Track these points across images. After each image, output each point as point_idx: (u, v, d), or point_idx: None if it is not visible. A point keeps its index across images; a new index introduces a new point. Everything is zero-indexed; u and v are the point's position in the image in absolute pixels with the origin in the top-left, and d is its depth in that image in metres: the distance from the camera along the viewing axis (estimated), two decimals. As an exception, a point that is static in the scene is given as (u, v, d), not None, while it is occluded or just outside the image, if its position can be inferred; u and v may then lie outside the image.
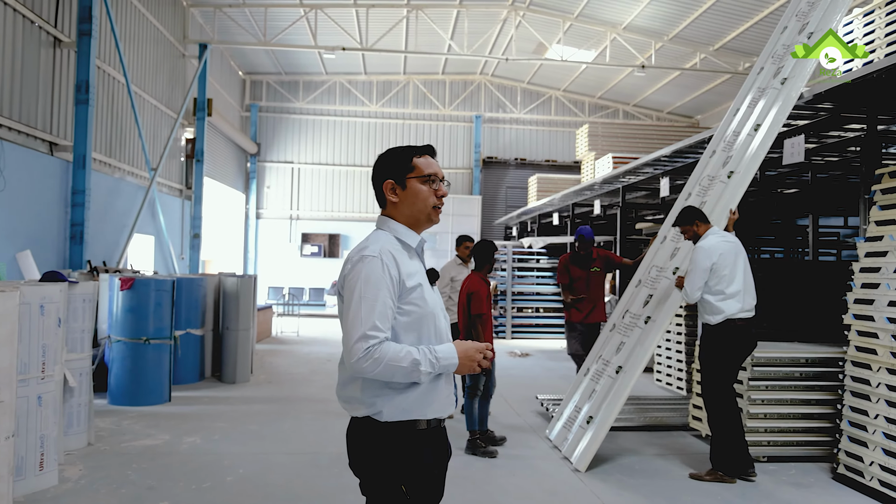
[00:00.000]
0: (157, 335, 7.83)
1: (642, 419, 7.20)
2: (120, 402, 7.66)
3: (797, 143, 6.24)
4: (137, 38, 13.69)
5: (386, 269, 2.23)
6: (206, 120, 16.52)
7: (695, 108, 22.51)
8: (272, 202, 23.41)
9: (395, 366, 2.15)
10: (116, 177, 12.75)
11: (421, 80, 23.53)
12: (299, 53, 20.93)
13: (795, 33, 6.66)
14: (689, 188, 6.79)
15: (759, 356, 5.99)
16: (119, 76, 12.67)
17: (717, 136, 6.92)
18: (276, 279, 22.94)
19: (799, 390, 6.06)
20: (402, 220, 2.42)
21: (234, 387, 9.02)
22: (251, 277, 9.85)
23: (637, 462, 5.90)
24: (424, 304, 2.31)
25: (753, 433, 5.93)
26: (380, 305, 2.20)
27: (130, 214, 13.26)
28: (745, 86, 6.93)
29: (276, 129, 23.40)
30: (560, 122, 24.01)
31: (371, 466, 2.31)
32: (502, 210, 22.98)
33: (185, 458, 5.74)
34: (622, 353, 6.07)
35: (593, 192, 13.11)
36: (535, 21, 18.12)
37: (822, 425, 6.01)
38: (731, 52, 17.45)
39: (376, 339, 2.16)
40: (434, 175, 2.41)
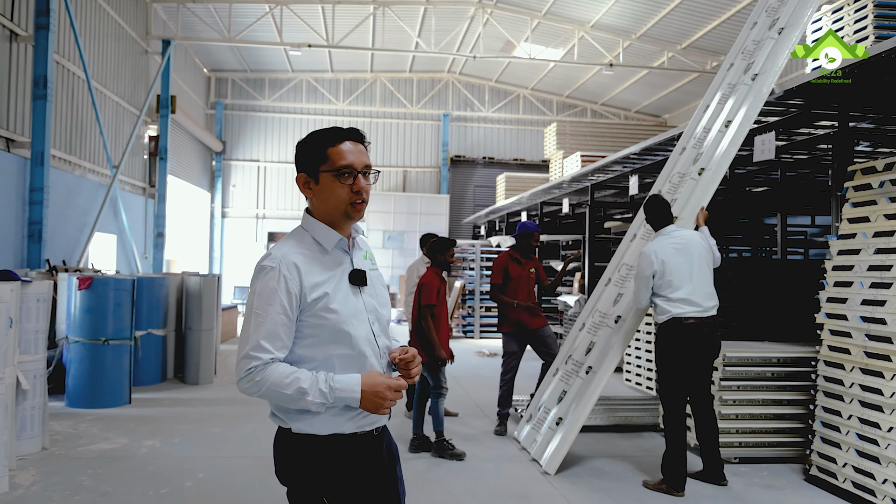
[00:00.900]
0: (117, 336, 7.61)
1: (612, 419, 7.13)
2: (78, 405, 7.43)
3: (768, 139, 6.21)
4: (98, 34, 13.35)
5: (282, 282, 2.04)
6: (169, 117, 16.18)
7: (662, 108, 22.64)
8: (238, 201, 23.06)
9: (278, 392, 1.99)
10: (77, 174, 12.40)
11: (388, 78, 23.35)
12: (265, 50, 20.62)
13: (766, 28, 6.63)
14: (658, 185, 6.73)
15: (730, 356, 5.93)
16: (79, 72, 12.33)
17: (686, 132, 6.86)
18: (242, 278, 22.58)
19: (771, 390, 5.99)
20: (320, 218, 2.19)
21: (197, 388, 8.79)
22: (214, 277, 9.63)
23: (607, 464, 5.82)
24: (332, 315, 2.09)
25: (725, 434, 5.83)
26: (269, 323, 2.02)
27: (91, 213, 12.91)
28: (714, 82, 6.89)
29: (242, 126, 23.05)
30: (528, 120, 23.98)
31: (291, 477, 2.17)
32: (470, 209, 22.89)
33: (144, 462, 5.53)
34: (592, 354, 5.97)
35: (562, 190, 13.06)
36: (503, 19, 18.05)
37: (795, 426, 5.96)
38: (698, 50, 17.55)
39: (259, 360, 1.99)
40: (348, 167, 2.13)
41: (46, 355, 5.80)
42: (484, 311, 15.60)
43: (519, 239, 7.06)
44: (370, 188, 2.20)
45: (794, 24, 6.24)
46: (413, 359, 2.21)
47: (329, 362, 2.10)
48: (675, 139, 7.85)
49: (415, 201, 22.23)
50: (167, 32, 16.97)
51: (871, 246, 5.09)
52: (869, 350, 4.95)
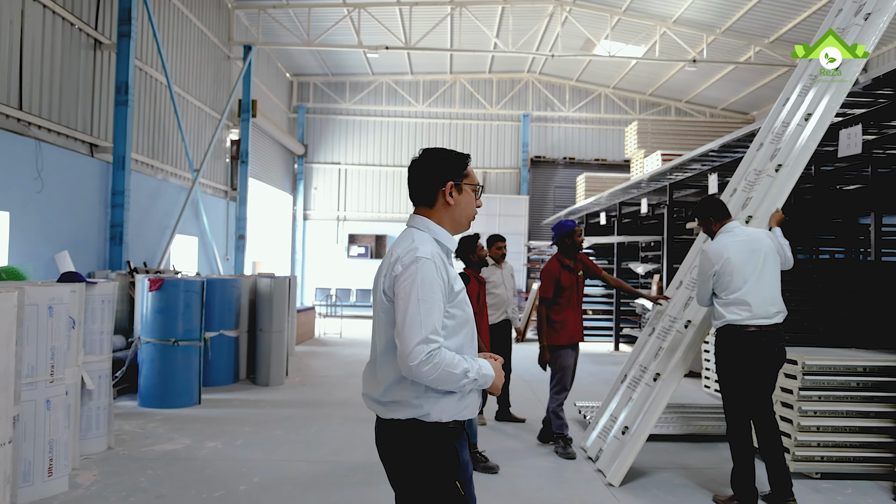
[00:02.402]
0: (186, 337, 7.74)
1: (686, 427, 6.80)
2: (149, 405, 7.60)
3: (854, 133, 5.77)
4: (180, 40, 13.74)
5: (439, 273, 2.24)
6: (250, 121, 16.55)
7: (750, 104, 21.70)
8: (319, 203, 23.41)
9: (450, 372, 2.17)
10: (159, 178, 12.79)
11: (467, 80, 23.26)
12: (345, 54, 20.87)
13: (851, 15, 6.17)
14: (734, 183, 6.37)
15: (810, 364, 5.52)
16: (161, 77, 12.71)
17: (764, 127, 6.47)
18: (323, 280, 22.94)
19: (856, 401, 5.55)
20: (445, 224, 2.41)
21: (267, 389, 8.89)
22: (286, 279, 9.73)
23: (676, 476, 5.52)
24: (467, 309, 2.34)
25: (805, 447, 5.47)
26: (437, 310, 2.20)
27: (173, 216, 13.29)
28: (795, 73, 6.46)
29: (323, 130, 23.40)
30: (609, 120, 23.44)
31: (420, 468, 2.29)
32: (550, 210, 22.54)
33: (203, 463, 5.57)
34: (660, 360, 5.69)
35: (640, 190, 12.64)
36: (582, 16, 17.67)
37: (882, 440, 5.49)
38: (787, 44, 16.70)
39: (437, 343, 2.16)
40: (481, 186, 2.48)
41: (111, 356, 5.93)
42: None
43: (560, 242, 6.32)
44: None
45: (881, 9, 5.80)
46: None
47: (457, 349, 2.30)
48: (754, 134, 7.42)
49: (494, 203, 22.04)
50: (249, 38, 17.36)
51: (969, 248, 4.64)
52: (966, 362, 4.51)
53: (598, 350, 13.90)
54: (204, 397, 8.02)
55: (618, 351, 13.87)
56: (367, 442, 6.34)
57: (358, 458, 5.86)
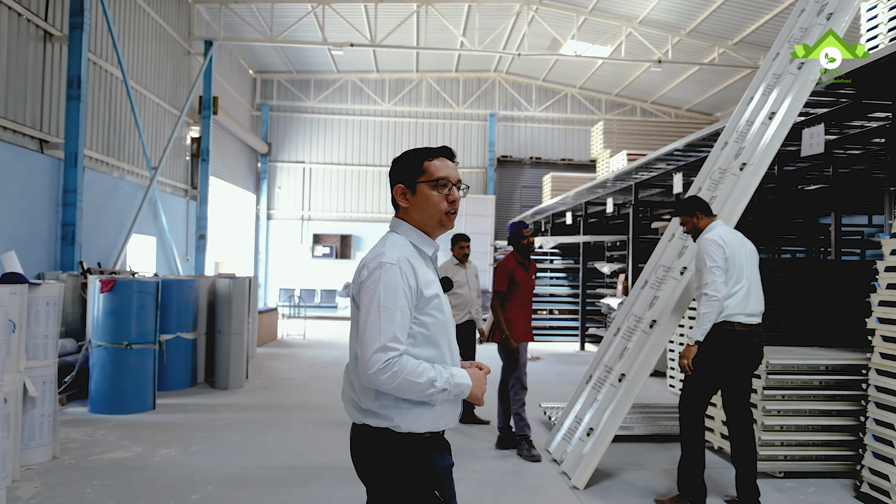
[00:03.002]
0: (140, 340, 7.47)
1: (651, 428, 6.73)
2: (100, 411, 7.31)
3: (816, 132, 5.74)
4: (137, 34, 13.39)
5: (405, 278, 2.17)
6: (211, 118, 16.22)
7: (714, 106, 21.90)
8: (283, 203, 23.11)
9: (412, 381, 2.10)
10: (115, 176, 12.44)
11: (434, 78, 23.13)
12: (310, 51, 20.62)
13: (814, 15, 6.16)
14: (699, 182, 6.32)
15: (774, 363, 5.49)
16: (116, 72, 12.35)
17: (729, 126, 6.43)
18: (287, 280, 22.65)
19: (819, 400, 5.54)
20: (416, 226, 2.35)
21: (226, 393, 8.65)
22: (246, 279, 9.50)
23: (641, 477, 5.43)
24: (441, 315, 2.26)
25: (768, 447, 5.45)
26: (399, 316, 2.13)
27: (130, 215, 12.95)
28: (759, 73, 6.44)
29: (288, 128, 23.10)
30: (576, 120, 23.48)
31: (390, 478, 2.24)
32: (517, 210, 22.51)
33: (154, 472, 5.35)
34: (626, 360, 5.60)
35: (606, 189, 12.61)
36: (549, 16, 17.64)
37: (844, 438, 5.50)
38: (750, 45, 16.86)
39: (396, 351, 2.10)
40: (445, 179, 2.32)
41: (58, 360, 5.68)
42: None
43: (511, 241, 6.27)
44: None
45: (843, 9, 5.80)
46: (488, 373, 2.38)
47: (432, 357, 2.22)
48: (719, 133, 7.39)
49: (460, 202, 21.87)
50: (210, 33, 17.04)
51: (930, 246, 4.62)
52: (927, 361, 4.49)
53: (563, 350, 13.85)
54: (159, 402, 7.77)
55: (584, 351, 13.83)
56: (328, 447, 6.17)
57: (318, 463, 5.69)
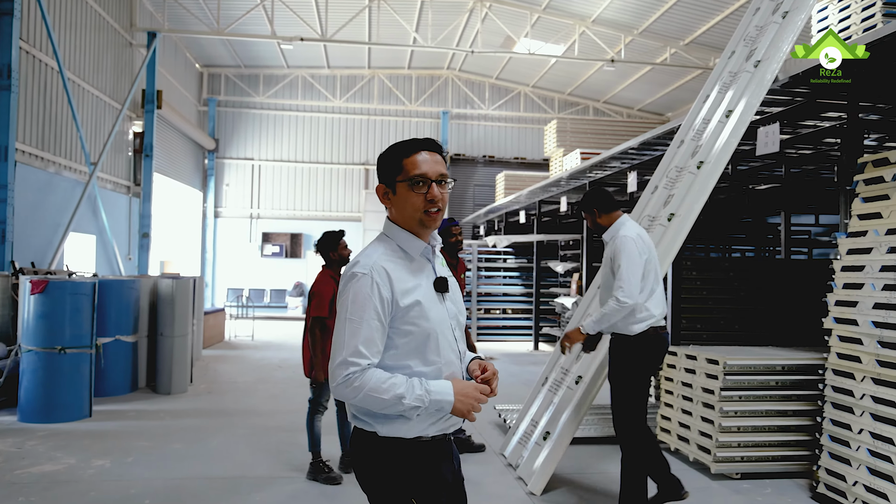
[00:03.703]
0: (75, 344, 7.11)
1: (609, 430, 6.58)
2: (31, 420, 6.93)
3: (771, 131, 5.70)
4: (75, 24, 12.85)
5: (375, 289, 2.08)
6: (155, 113, 15.66)
7: (666, 106, 22.09)
8: (231, 200, 22.57)
9: (376, 397, 2.03)
10: (50, 171, 11.91)
11: (386, 75, 22.85)
12: (259, 45, 20.16)
13: (769, 13, 6.12)
14: (655, 181, 6.23)
15: (731, 364, 5.41)
16: (52, 63, 11.82)
17: (685, 124, 6.36)
18: (235, 280, 22.13)
19: (775, 400, 5.49)
20: (404, 226, 2.23)
21: (168, 398, 8.31)
22: (190, 279, 9.16)
23: (599, 482, 5.33)
24: (424, 323, 2.14)
25: (725, 448, 5.39)
26: (365, 329, 2.06)
27: (67, 212, 12.42)
28: (715, 71, 6.39)
29: (236, 124, 22.58)
30: (529, 118, 23.46)
31: (377, 480, 2.19)
32: (470, 209, 22.36)
33: (87, 486, 5.04)
34: (582, 362, 5.48)
35: (559, 188, 12.54)
36: (502, 13, 17.53)
37: (801, 439, 5.47)
38: (702, 46, 17.01)
39: (357, 366, 2.04)
40: (422, 176, 2.17)
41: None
42: (482, 314, 15.12)
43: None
44: (446, 197, 2.23)
45: (798, 7, 5.76)
46: (493, 376, 2.25)
47: (419, 368, 2.14)
48: (674, 132, 7.34)
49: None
50: (154, 24, 16.49)
51: (884, 245, 4.60)
52: (882, 358, 4.48)
53: (517, 350, 13.76)
54: (96, 409, 7.41)
55: (537, 350, 13.76)
56: (274, 454, 5.92)
57: (263, 472, 5.44)
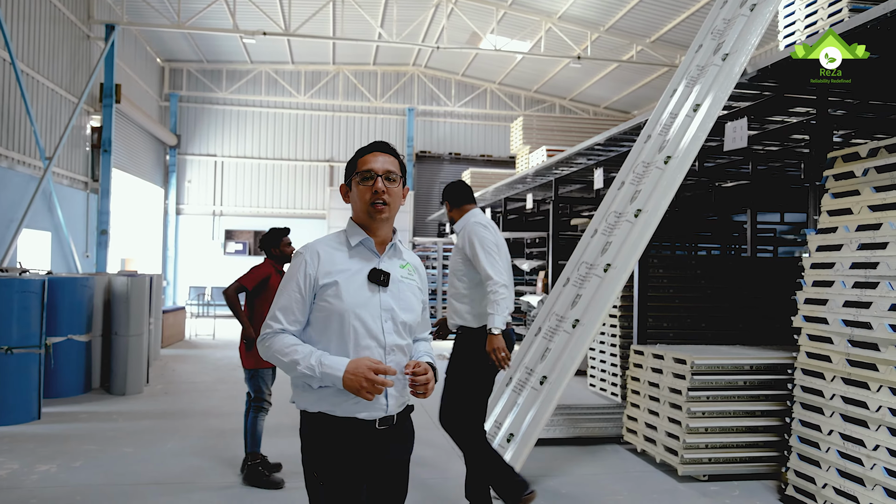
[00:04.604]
0: (22, 343, 6.85)
1: (573, 431, 6.51)
2: (-24, 422, 6.64)
3: (739, 126, 5.63)
4: (28, 15, 12.41)
5: (303, 266, 2.36)
6: (114, 107, 15.22)
7: (632, 104, 22.15)
8: (194, 197, 22.13)
9: (278, 359, 2.29)
10: (3, 166, 11.49)
11: (351, 71, 22.59)
12: (221, 40, 19.78)
13: (737, 6, 6.06)
14: (622, 176, 6.14)
15: (699, 363, 5.31)
16: (4, 54, 11.41)
17: (652, 119, 6.29)
18: (197, 278, 21.70)
19: (743, 401, 5.40)
20: (356, 220, 2.48)
21: (123, 399, 8.04)
22: (146, 277, 8.88)
23: (564, 484, 5.20)
24: (337, 302, 2.32)
25: (693, 449, 5.29)
26: (284, 298, 2.36)
27: (21, 208, 12.00)
28: (682, 65, 6.32)
29: (198, 120, 22.13)
30: (496, 115, 23.36)
31: (302, 449, 2.40)
32: (436, 206, 22.20)
33: (29, 493, 4.79)
34: (547, 362, 5.35)
35: (525, 185, 12.46)
36: (468, 9, 17.39)
37: (770, 439, 5.39)
38: (667, 44, 17.07)
39: (271, 329, 2.34)
40: (369, 171, 2.40)
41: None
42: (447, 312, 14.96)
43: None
44: (398, 193, 2.45)
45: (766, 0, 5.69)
46: (423, 373, 2.35)
47: (329, 344, 2.33)
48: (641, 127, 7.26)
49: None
50: (112, 17, 16.01)
51: (854, 241, 4.53)
52: (852, 358, 4.40)
53: (483, 348, 13.63)
54: (46, 411, 7.13)
55: (503, 349, 13.66)
56: (228, 459, 5.70)
57: (216, 480, 5.22)
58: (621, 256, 5.40)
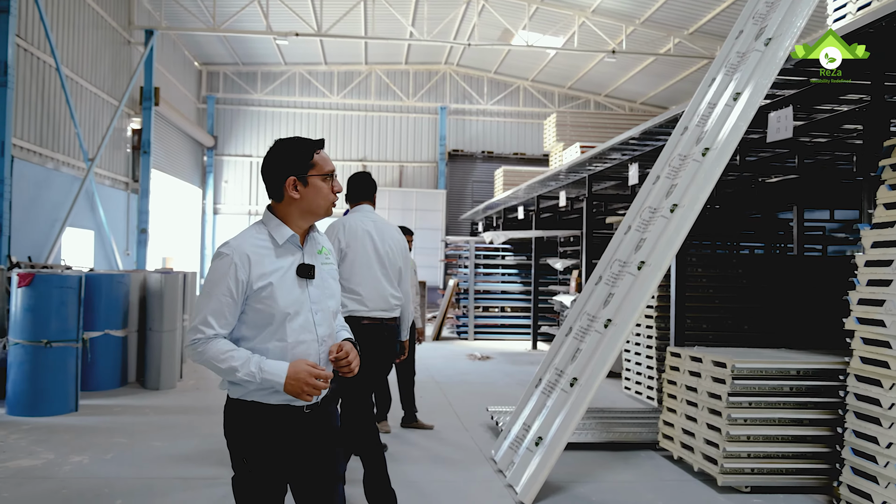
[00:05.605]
0: (61, 337, 6.90)
1: (605, 435, 6.24)
2: (17, 413, 6.76)
3: (784, 116, 5.39)
4: (73, 22, 12.80)
5: (233, 269, 2.31)
6: (153, 110, 15.55)
7: (669, 99, 21.80)
8: (230, 197, 22.41)
9: (215, 364, 2.26)
10: (48, 167, 11.79)
11: (383, 70, 22.62)
12: (256, 42, 19.97)
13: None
14: (657, 170, 5.97)
15: (740, 367, 5.00)
16: (50, 60, 11.77)
17: (689, 110, 6.09)
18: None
19: (789, 408, 5.05)
20: (295, 216, 2.45)
21: (156, 394, 8.07)
22: (179, 274, 8.92)
23: (596, 491, 4.97)
24: (274, 304, 2.34)
25: (734, 458, 4.95)
26: (214, 303, 2.29)
27: (65, 207, 12.31)
28: (721, 53, 6.11)
29: (234, 121, 22.41)
30: (529, 113, 23.21)
31: (226, 437, 2.41)
32: (469, 205, 22.15)
33: (60, 484, 4.80)
34: (578, 363, 5.20)
35: (558, 182, 12.26)
36: (500, 5, 17.27)
37: (819, 450, 5.00)
38: (706, 35, 16.72)
39: (203, 334, 2.27)
40: (332, 172, 2.49)
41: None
42: (480, 311, 14.86)
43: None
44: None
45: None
46: (346, 356, 2.42)
47: (267, 343, 2.34)
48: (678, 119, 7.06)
49: (410, 197, 21.58)
50: (151, 22, 16.31)
51: (915, 236, 4.25)
52: (911, 364, 4.05)
53: (515, 349, 13.48)
54: (84, 403, 7.20)
55: (536, 350, 13.48)
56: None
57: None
58: (656, 253, 5.23)
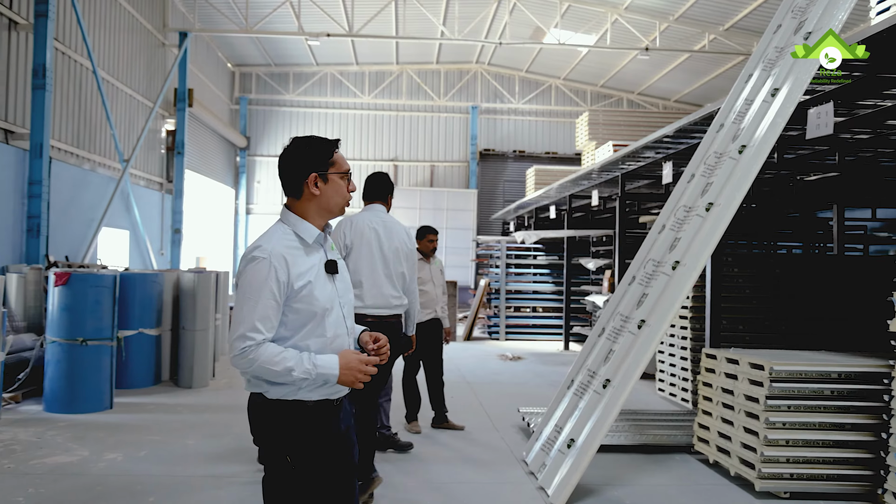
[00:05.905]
0: (96, 336, 7.00)
1: (639, 437, 6.15)
2: (54, 410, 6.86)
3: (824, 112, 5.26)
4: (109, 25, 13.01)
5: (272, 272, 2.30)
6: (187, 111, 15.75)
7: (704, 96, 21.49)
8: (263, 197, 22.63)
9: (269, 369, 2.25)
10: (85, 168, 11.99)
11: (414, 70, 22.65)
12: (288, 43, 20.12)
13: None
14: (692, 168, 5.87)
15: (779, 369, 4.89)
16: (86, 63, 11.99)
17: (725, 107, 5.98)
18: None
19: (830, 412, 4.91)
20: (313, 213, 2.47)
21: (189, 392, 8.14)
22: (211, 273, 9.01)
23: (629, 494, 4.89)
24: (314, 301, 2.37)
25: (772, 463, 4.84)
26: (261, 308, 2.28)
27: (101, 207, 12.51)
28: (758, 48, 5.99)
29: (267, 122, 22.59)
30: (560, 112, 23.07)
31: (262, 438, 2.42)
32: (500, 205, 22.08)
33: (95, 480, 4.85)
34: (611, 364, 5.12)
35: (591, 181, 12.14)
36: (531, 3, 17.18)
37: (862, 456, 4.84)
38: (743, 31, 16.44)
39: (253, 340, 2.25)
40: (349, 171, 2.53)
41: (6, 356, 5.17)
42: (511, 311, 14.79)
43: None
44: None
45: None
46: (385, 344, 2.52)
47: (307, 340, 2.37)
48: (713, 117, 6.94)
49: (441, 197, 21.56)
50: (185, 24, 16.50)
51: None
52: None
53: (547, 349, 13.38)
54: (118, 401, 7.28)
55: (568, 350, 13.36)
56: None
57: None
58: (691, 253, 5.14)
